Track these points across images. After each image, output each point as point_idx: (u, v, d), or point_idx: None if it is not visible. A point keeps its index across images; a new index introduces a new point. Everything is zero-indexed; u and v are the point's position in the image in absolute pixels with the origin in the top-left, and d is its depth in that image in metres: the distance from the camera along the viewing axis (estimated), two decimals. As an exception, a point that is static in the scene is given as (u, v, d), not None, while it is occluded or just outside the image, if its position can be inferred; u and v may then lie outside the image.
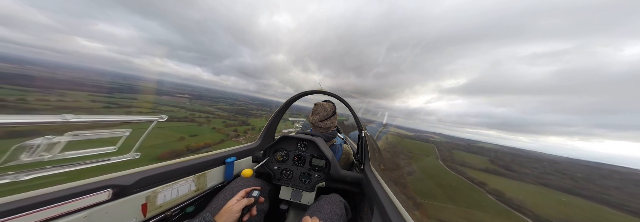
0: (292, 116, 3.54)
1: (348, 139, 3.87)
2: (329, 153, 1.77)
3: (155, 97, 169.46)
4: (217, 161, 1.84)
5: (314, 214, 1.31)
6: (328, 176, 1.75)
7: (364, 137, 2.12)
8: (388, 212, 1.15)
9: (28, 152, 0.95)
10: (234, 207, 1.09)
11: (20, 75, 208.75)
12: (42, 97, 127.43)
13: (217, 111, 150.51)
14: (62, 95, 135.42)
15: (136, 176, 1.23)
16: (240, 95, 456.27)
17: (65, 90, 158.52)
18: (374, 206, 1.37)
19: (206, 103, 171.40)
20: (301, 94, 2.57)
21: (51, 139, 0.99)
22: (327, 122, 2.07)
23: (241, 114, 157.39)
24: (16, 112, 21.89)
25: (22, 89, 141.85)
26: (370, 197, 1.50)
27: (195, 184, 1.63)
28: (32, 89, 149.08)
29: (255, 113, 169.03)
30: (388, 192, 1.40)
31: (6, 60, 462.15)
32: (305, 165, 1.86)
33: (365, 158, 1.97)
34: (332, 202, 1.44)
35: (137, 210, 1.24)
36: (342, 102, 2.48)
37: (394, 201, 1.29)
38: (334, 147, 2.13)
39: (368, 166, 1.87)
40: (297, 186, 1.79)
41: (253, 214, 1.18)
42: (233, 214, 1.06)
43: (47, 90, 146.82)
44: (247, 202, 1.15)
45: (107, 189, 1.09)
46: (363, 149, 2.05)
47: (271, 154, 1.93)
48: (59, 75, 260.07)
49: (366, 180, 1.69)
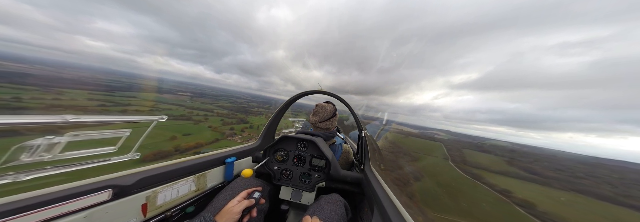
0: (293, 114, 3.54)
1: (348, 139, 3.88)
2: (328, 153, 1.77)
3: (157, 95, 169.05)
4: (217, 161, 1.84)
5: (314, 214, 1.31)
6: (328, 176, 1.75)
7: (364, 137, 2.12)
8: (388, 212, 1.15)
9: (28, 153, 0.95)
10: (235, 209, 1.09)
11: (26, 75, 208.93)
12: (39, 95, 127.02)
13: (216, 109, 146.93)
14: (60, 94, 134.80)
15: (136, 176, 1.23)
16: (242, 93, 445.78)
17: (67, 89, 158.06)
18: (374, 206, 1.37)
19: (207, 101, 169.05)
20: (301, 94, 2.58)
21: (51, 139, 0.99)
22: (327, 123, 2.09)
23: (241, 112, 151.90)
24: (11, 111, 21.80)
25: (21, 87, 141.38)
26: (370, 197, 1.50)
27: (195, 184, 1.64)
28: (32, 88, 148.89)
29: (255, 111, 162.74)
30: (388, 192, 1.40)
31: (16, 60, 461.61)
32: (305, 165, 1.86)
33: (365, 158, 1.97)
34: (332, 202, 1.45)
35: (137, 210, 1.24)
36: (342, 102, 2.49)
37: (394, 201, 1.29)
38: (333, 146, 2.14)
39: (368, 166, 1.87)
40: (297, 186, 1.79)
41: (253, 216, 1.18)
42: (234, 215, 1.06)
43: (47, 89, 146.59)
44: (248, 203, 1.15)
45: (107, 189, 1.09)
46: (363, 149, 2.06)
47: (271, 154, 1.93)
48: (64, 74, 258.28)
49: (366, 180, 1.69)
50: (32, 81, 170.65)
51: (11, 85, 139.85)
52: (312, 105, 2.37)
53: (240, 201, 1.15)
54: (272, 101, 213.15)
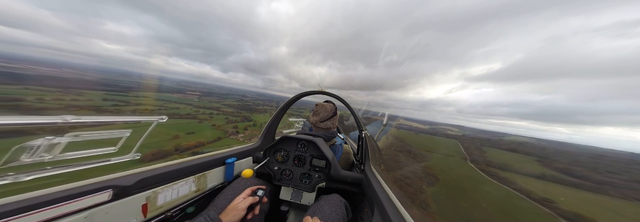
0: (295, 112, 3.53)
1: (348, 139, 3.87)
2: (328, 153, 1.77)
3: (167, 94, 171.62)
4: (217, 161, 1.85)
5: (314, 214, 1.32)
6: (328, 176, 1.75)
7: (364, 137, 2.11)
8: (388, 212, 1.16)
9: (28, 153, 0.96)
10: (240, 205, 1.10)
11: (52, 77, 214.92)
12: (60, 96, 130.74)
13: (222, 107, 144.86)
14: (79, 95, 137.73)
15: (136, 176, 1.24)
16: (249, 91, 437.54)
17: (85, 90, 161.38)
18: (374, 206, 1.37)
19: (214, 99, 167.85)
20: (301, 94, 2.58)
21: (51, 139, 1.00)
22: (327, 123, 2.08)
23: (245, 110, 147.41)
24: (33, 112, 22.29)
25: (45, 89, 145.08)
26: (370, 197, 1.50)
27: (195, 185, 1.64)
28: (54, 89, 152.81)
29: (259, 108, 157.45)
30: (388, 192, 1.40)
31: (46, 64, 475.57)
32: (305, 165, 1.86)
33: (365, 158, 1.96)
34: (333, 202, 1.45)
35: (137, 210, 1.24)
36: (342, 102, 2.48)
37: (394, 201, 1.30)
38: (333, 147, 2.14)
39: (368, 166, 1.87)
40: (297, 186, 1.79)
41: (256, 213, 1.19)
42: (239, 211, 1.08)
43: (67, 90, 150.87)
44: (253, 200, 1.17)
45: (107, 190, 1.09)
46: (363, 149, 2.05)
47: (271, 154, 1.93)
48: (86, 76, 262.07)
49: (366, 180, 1.69)
50: (54, 83, 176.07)
51: (36, 87, 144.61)
52: (314, 101, 2.36)
53: (244, 198, 1.17)
54: (275, 98, 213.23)
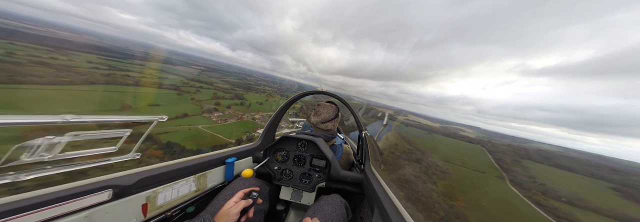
0: (297, 111, 3.41)
1: (348, 139, 3.89)
2: (329, 153, 1.77)
3: (170, 66, 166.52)
4: (217, 161, 1.85)
5: (314, 215, 1.31)
6: (328, 176, 1.76)
7: (364, 137, 2.11)
8: (388, 212, 1.16)
9: (28, 152, 0.95)
10: (232, 210, 1.07)
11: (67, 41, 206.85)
12: (70, 59, 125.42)
13: (219, 83, 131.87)
14: (90, 61, 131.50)
15: (136, 176, 1.23)
16: (256, 72, 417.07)
17: (96, 54, 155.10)
18: (374, 206, 1.38)
19: (216, 75, 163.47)
20: (300, 94, 2.56)
21: (51, 139, 0.99)
22: (328, 124, 2.07)
23: (242, 88, 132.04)
24: None
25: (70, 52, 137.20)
26: (370, 197, 1.51)
27: (196, 184, 1.65)
28: (69, 51, 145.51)
29: (259, 88, 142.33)
30: (388, 192, 1.41)
31: (72, 30, 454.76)
32: (305, 165, 1.87)
33: (365, 158, 1.97)
34: (332, 203, 1.45)
35: (137, 210, 1.24)
36: (343, 102, 2.47)
37: (394, 201, 1.30)
38: (333, 147, 2.13)
39: (368, 166, 1.87)
40: (297, 186, 1.80)
41: (249, 216, 1.16)
42: (231, 216, 1.05)
43: (76, 53, 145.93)
44: (245, 203, 1.14)
45: (107, 189, 1.09)
46: (363, 149, 2.06)
47: (271, 154, 1.93)
48: (101, 43, 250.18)
49: (366, 180, 1.69)
50: (68, 46, 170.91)
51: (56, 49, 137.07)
52: (314, 102, 2.25)
53: (236, 202, 1.13)
54: (279, 81, 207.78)
